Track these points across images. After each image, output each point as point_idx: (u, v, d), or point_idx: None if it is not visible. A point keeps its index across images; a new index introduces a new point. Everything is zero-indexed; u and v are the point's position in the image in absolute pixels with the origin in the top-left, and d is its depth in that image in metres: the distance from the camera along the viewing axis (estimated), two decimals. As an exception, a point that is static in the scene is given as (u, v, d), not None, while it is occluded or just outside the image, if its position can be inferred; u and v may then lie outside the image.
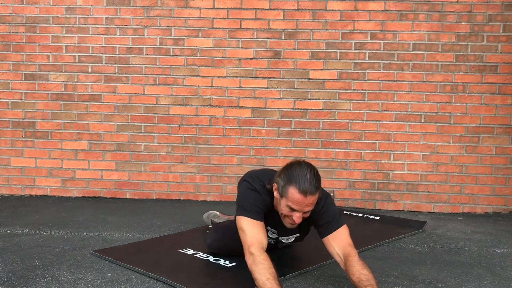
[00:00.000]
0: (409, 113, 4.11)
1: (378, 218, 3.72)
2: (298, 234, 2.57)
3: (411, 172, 4.13)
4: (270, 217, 2.43)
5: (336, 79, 4.13)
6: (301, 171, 2.20)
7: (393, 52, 4.09)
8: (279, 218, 2.39)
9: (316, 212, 2.34)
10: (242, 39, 4.16)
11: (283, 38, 4.14)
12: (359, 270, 2.16)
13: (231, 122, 4.20)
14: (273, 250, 2.68)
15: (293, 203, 2.19)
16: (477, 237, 3.33)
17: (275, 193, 2.30)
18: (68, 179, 4.28)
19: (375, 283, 2.13)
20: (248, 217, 2.28)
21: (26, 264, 2.55)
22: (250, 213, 2.29)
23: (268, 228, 2.49)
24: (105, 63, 4.22)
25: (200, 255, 2.72)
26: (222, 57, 4.18)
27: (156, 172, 4.25)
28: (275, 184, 2.29)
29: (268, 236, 2.46)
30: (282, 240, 2.60)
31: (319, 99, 4.14)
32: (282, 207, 2.26)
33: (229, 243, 2.61)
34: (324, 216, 2.34)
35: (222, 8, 4.15)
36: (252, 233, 2.24)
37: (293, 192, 2.18)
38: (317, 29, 4.12)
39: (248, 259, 2.18)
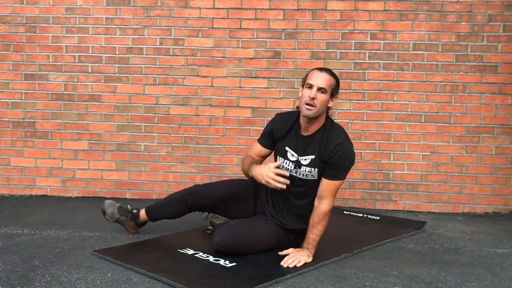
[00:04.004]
0: (409, 113, 4.11)
1: (378, 218, 3.73)
2: (313, 156, 2.69)
3: (411, 172, 4.13)
4: (290, 135, 2.77)
5: (336, 79, 4.13)
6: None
7: (393, 52, 4.09)
8: (300, 137, 2.74)
9: (331, 145, 2.64)
10: (242, 39, 4.16)
11: (283, 38, 4.14)
12: (316, 222, 2.65)
13: (231, 122, 4.20)
14: (291, 186, 2.74)
15: (310, 78, 2.63)
16: (477, 237, 3.33)
17: (300, 93, 2.69)
18: (68, 179, 4.28)
19: (317, 240, 2.67)
20: (257, 141, 2.94)
21: (26, 264, 2.55)
22: (259, 138, 2.93)
23: (288, 149, 2.77)
24: (105, 63, 4.22)
25: (200, 255, 2.72)
26: (222, 57, 4.18)
27: (156, 172, 4.25)
28: (301, 87, 2.71)
29: (288, 159, 2.77)
30: (302, 162, 2.72)
31: (319, 99, 4.14)
32: (303, 92, 2.65)
33: (238, 243, 2.65)
34: (335, 161, 2.64)
35: (222, 8, 4.15)
36: (252, 149, 2.96)
37: (311, 71, 2.68)
38: (317, 29, 4.12)
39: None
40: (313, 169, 2.71)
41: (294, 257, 2.59)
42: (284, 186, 2.60)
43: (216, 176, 4.20)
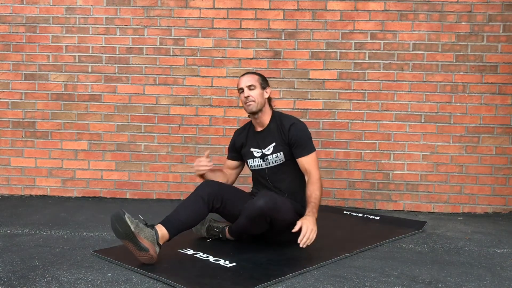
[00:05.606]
0: (409, 113, 4.11)
1: (378, 218, 3.72)
2: (274, 143, 2.95)
3: (411, 172, 4.13)
4: (250, 138, 3.05)
5: (336, 79, 4.13)
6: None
7: (393, 52, 4.09)
8: (257, 134, 3.02)
9: (286, 126, 2.91)
10: (242, 39, 4.16)
11: (283, 38, 4.14)
12: (312, 190, 2.81)
13: (231, 122, 4.20)
14: (270, 179, 2.98)
15: (238, 84, 2.97)
16: (477, 237, 3.33)
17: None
18: (68, 179, 4.28)
19: (317, 204, 2.78)
20: (226, 158, 3.23)
21: (26, 264, 2.55)
22: (227, 155, 3.22)
23: (252, 150, 3.03)
24: (105, 63, 4.22)
25: (200, 255, 2.72)
26: (222, 57, 4.18)
27: (156, 172, 4.25)
28: None
29: (254, 157, 3.02)
30: (266, 153, 2.97)
31: (319, 99, 4.15)
32: (240, 98, 2.99)
33: (279, 205, 2.70)
34: (296, 139, 2.90)
35: (222, 8, 4.16)
36: (224, 165, 3.23)
37: (238, 79, 3.00)
38: (317, 29, 4.12)
39: None
40: (278, 153, 2.94)
41: (307, 226, 2.62)
42: (207, 168, 2.91)
43: (216, 176, 4.20)
